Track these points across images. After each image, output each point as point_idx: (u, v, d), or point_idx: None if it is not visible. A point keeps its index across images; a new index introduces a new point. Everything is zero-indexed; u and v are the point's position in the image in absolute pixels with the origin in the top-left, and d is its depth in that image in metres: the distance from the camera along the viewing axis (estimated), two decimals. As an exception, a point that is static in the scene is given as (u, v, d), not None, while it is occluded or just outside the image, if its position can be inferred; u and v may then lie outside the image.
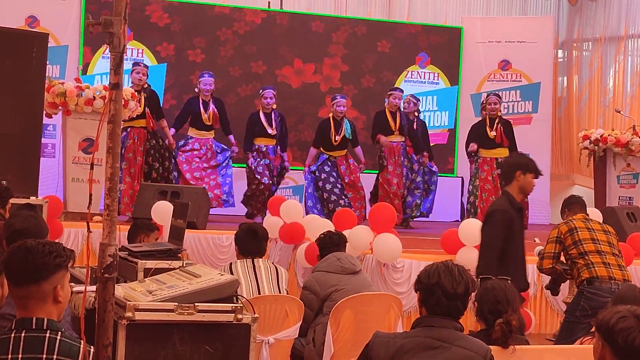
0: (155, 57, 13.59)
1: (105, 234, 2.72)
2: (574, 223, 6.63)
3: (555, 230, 6.68)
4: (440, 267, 3.75)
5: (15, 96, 8.64)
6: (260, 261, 6.13)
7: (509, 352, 4.37)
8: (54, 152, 12.31)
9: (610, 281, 6.39)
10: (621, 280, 6.40)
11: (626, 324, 3.14)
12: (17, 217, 4.92)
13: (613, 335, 3.16)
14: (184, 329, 3.50)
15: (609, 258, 6.48)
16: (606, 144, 11.87)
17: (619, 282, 6.37)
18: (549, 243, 6.67)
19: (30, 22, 12.74)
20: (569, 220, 6.69)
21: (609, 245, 6.56)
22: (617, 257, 6.55)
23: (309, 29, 14.47)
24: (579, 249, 6.51)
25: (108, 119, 2.70)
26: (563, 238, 6.60)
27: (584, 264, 6.47)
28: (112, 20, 2.65)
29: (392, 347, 3.64)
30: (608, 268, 6.43)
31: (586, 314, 6.38)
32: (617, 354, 3.16)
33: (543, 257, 6.70)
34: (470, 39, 15.20)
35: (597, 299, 6.37)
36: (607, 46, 15.74)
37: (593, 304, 6.37)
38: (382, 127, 11.92)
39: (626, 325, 3.14)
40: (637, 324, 3.15)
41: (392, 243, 8.15)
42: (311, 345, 6.23)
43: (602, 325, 3.21)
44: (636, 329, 3.14)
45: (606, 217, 9.70)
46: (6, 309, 4.04)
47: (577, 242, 6.52)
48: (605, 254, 6.49)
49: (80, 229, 9.04)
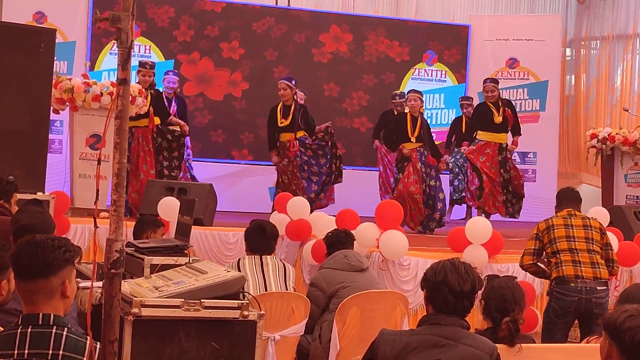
0: (162, 54, 13.60)
1: (112, 230, 2.72)
2: (553, 220, 6.63)
3: (535, 227, 6.69)
4: (447, 264, 3.75)
5: (22, 92, 8.65)
6: (269, 258, 6.12)
7: (515, 351, 4.37)
8: (61, 148, 12.33)
9: (577, 280, 6.37)
10: (591, 278, 6.37)
11: (634, 323, 3.13)
12: (25, 213, 4.92)
13: (620, 334, 3.15)
14: (190, 325, 3.50)
15: (581, 256, 6.45)
16: (614, 142, 11.84)
17: (587, 280, 6.35)
18: (529, 240, 6.69)
19: (38, 18, 12.75)
20: (549, 218, 6.70)
21: (586, 242, 6.52)
22: (593, 253, 6.50)
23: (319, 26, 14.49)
24: (553, 247, 6.53)
25: (115, 115, 2.70)
26: (541, 235, 6.61)
27: (555, 263, 6.49)
28: (120, 15, 2.65)
29: (398, 344, 3.63)
30: (577, 266, 6.39)
31: (557, 314, 6.41)
32: (625, 352, 3.15)
33: (524, 253, 6.71)
34: (478, 37, 15.18)
35: (564, 298, 6.39)
36: (615, 44, 15.70)
37: (561, 304, 6.39)
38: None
39: (634, 324, 3.13)
40: None
41: (398, 240, 8.13)
42: (317, 342, 6.23)
43: (610, 324, 3.20)
44: None
45: (613, 216, 9.68)
46: (12, 304, 4.04)
47: (552, 240, 6.54)
48: (578, 252, 6.46)
49: (87, 225, 9.03)
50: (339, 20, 14.64)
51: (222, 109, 14.00)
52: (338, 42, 14.53)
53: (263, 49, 14.17)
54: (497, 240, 8.38)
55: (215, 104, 13.98)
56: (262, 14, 14.18)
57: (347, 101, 14.55)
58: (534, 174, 14.75)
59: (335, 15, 14.78)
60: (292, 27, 14.32)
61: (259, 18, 14.14)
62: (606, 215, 9.27)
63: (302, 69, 14.00)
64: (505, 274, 7.06)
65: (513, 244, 9.54)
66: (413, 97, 11.34)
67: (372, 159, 13.27)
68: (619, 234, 8.81)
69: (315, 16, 14.58)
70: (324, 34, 14.48)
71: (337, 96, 14.50)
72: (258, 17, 14.14)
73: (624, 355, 3.14)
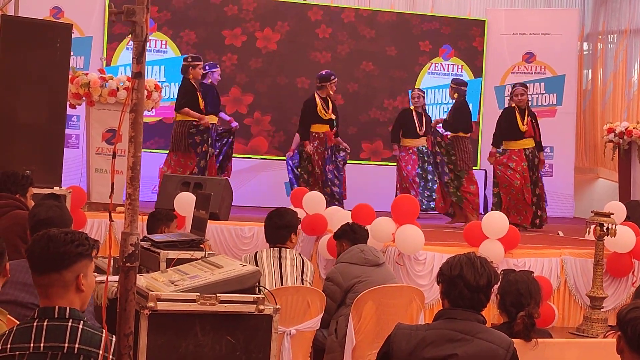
0: (178, 48, 13.63)
1: (127, 223, 2.72)
2: None
3: None
4: (463, 259, 3.73)
5: (39, 87, 8.67)
6: (288, 252, 6.07)
7: (532, 345, 4.35)
8: (78, 143, 12.38)
9: None
10: None
11: (636, 314, 3.14)
12: (42, 207, 4.93)
13: (624, 325, 3.17)
14: (205, 320, 3.51)
15: None
16: (631, 137, 11.79)
17: None
18: None
19: (55, 13, 12.80)
20: None
21: None
22: None
23: (337, 19, 14.48)
24: None
25: (130, 109, 2.70)
26: None
27: None
28: (134, 9, 2.66)
29: (414, 339, 3.63)
30: None
31: None
32: (629, 344, 3.16)
33: None
34: (494, 31, 15.14)
35: None
36: (632, 39, 15.61)
37: None
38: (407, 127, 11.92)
39: (636, 315, 3.13)
40: None
41: (414, 235, 8.13)
42: (333, 337, 6.22)
43: (618, 317, 3.22)
44: None
45: (630, 211, 9.65)
46: (30, 298, 4.07)
47: None
48: None
49: (103, 219, 9.08)
50: (355, 15, 14.62)
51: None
52: (355, 37, 14.55)
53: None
54: (514, 234, 8.37)
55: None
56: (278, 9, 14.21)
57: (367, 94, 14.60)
58: (551, 168, 14.69)
59: (350, 10, 14.76)
60: (305, 22, 14.32)
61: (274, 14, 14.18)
62: (623, 210, 9.25)
63: (318, 65, 14.03)
64: (522, 268, 7.04)
65: (529, 238, 9.54)
66: None
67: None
68: (636, 228, 8.79)
69: (329, 11, 14.56)
70: (340, 28, 14.48)
71: (357, 89, 14.52)
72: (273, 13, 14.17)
73: (630, 347, 3.15)
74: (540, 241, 9.60)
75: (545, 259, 8.62)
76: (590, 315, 8.19)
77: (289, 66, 14.22)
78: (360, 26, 14.58)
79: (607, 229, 8.03)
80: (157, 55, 13.43)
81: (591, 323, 8.14)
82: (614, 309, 8.23)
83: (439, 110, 14.71)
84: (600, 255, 8.14)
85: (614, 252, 8.57)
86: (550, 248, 8.98)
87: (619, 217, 8.63)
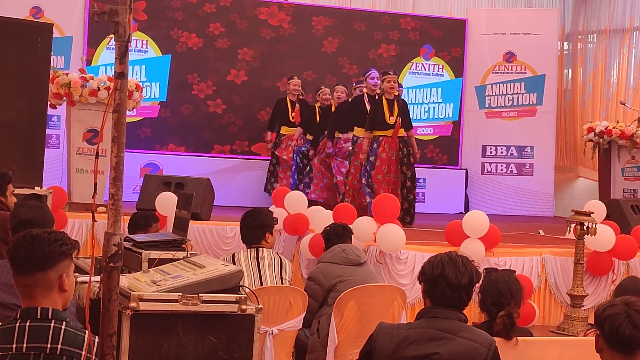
0: (160, 49, 13.60)
1: (110, 223, 2.72)
2: None
3: None
4: (445, 258, 3.75)
5: (19, 87, 8.63)
6: (265, 251, 6.04)
7: (512, 344, 4.38)
8: (59, 143, 12.34)
9: None
10: None
11: (613, 311, 3.17)
12: (24, 207, 4.91)
13: (600, 322, 3.20)
14: (188, 320, 3.51)
15: None
16: (611, 136, 11.84)
17: None
18: None
19: (35, 12, 12.75)
20: None
21: None
22: None
23: (311, 21, 14.48)
24: None
25: (113, 109, 2.71)
26: None
27: None
28: (117, 9, 2.66)
29: (396, 337, 3.64)
30: None
31: None
32: (607, 341, 3.19)
33: None
34: (475, 31, 15.17)
35: None
36: (611, 38, 15.69)
37: None
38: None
39: (612, 312, 3.16)
40: (624, 311, 3.16)
41: (395, 234, 8.15)
42: (315, 336, 6.23)
43: (595, 315, 3.26)
44: (622, 315, 3.15)
45: (610, 210, 9.71)
46: (11, 299, 4.05)
47: None
48: None
49: (84, 219, 9.05)
50: (335, 14, 14.63)
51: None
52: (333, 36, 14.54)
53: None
54: (494, 233, 8.41)
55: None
56: (255, 6, 14.19)
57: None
58: (531, 168, 14.76)
59: (330, 9, 14.75)
60: (287, 20, 14.30)
61: (254, 10, 14.16)
62: (603, 209, 9.31)
63: (301, 63, 14.04)
64: (503, 267, 7.08)
65: (510, 237, 9.58)
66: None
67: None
68: (616, 227, 8.85)
69: (312, 10, 14.56)
70: (320, 27, 14.48)
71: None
72: (253, 10, 14.15)
73: (608, 344, 3.17)
74: (521, 240, 9.64)
75: (526, 257, 8.67)
76: (571, 314, 8.23)
77: (270, 70, 14.20)
78: (341, 26, 14.57)
79: (587, 228, 8.08)
80: (138, 55, 13.38)
81: (572, 321, 8.18)
82: (594, 308, 8.23)
83: (420, 109, 14.74)
84: (580, 254, 8.18)
85: (594, 250, 8.62)
86: (531, 247, 9.02)
87: (599, 216, 8.68)
